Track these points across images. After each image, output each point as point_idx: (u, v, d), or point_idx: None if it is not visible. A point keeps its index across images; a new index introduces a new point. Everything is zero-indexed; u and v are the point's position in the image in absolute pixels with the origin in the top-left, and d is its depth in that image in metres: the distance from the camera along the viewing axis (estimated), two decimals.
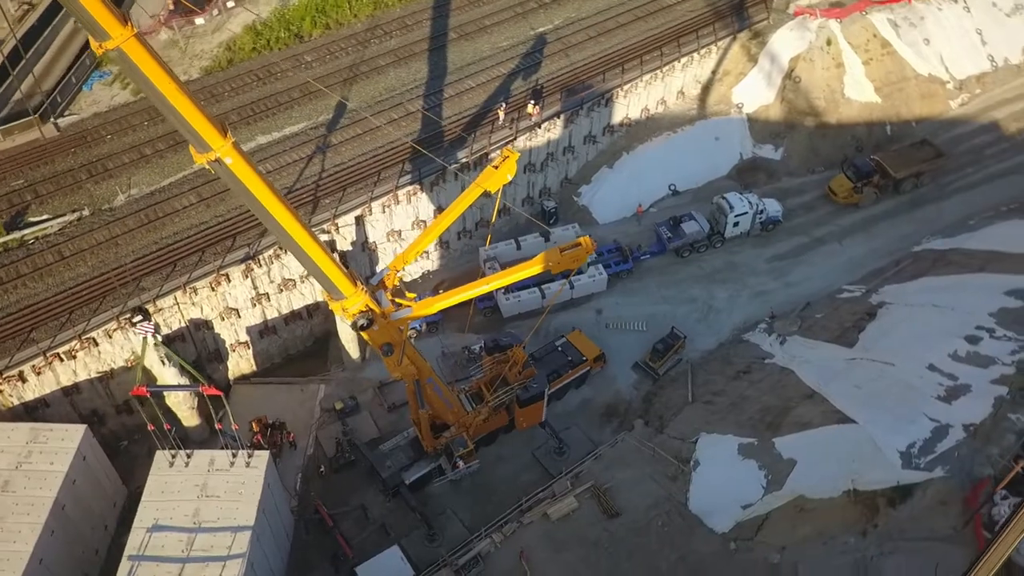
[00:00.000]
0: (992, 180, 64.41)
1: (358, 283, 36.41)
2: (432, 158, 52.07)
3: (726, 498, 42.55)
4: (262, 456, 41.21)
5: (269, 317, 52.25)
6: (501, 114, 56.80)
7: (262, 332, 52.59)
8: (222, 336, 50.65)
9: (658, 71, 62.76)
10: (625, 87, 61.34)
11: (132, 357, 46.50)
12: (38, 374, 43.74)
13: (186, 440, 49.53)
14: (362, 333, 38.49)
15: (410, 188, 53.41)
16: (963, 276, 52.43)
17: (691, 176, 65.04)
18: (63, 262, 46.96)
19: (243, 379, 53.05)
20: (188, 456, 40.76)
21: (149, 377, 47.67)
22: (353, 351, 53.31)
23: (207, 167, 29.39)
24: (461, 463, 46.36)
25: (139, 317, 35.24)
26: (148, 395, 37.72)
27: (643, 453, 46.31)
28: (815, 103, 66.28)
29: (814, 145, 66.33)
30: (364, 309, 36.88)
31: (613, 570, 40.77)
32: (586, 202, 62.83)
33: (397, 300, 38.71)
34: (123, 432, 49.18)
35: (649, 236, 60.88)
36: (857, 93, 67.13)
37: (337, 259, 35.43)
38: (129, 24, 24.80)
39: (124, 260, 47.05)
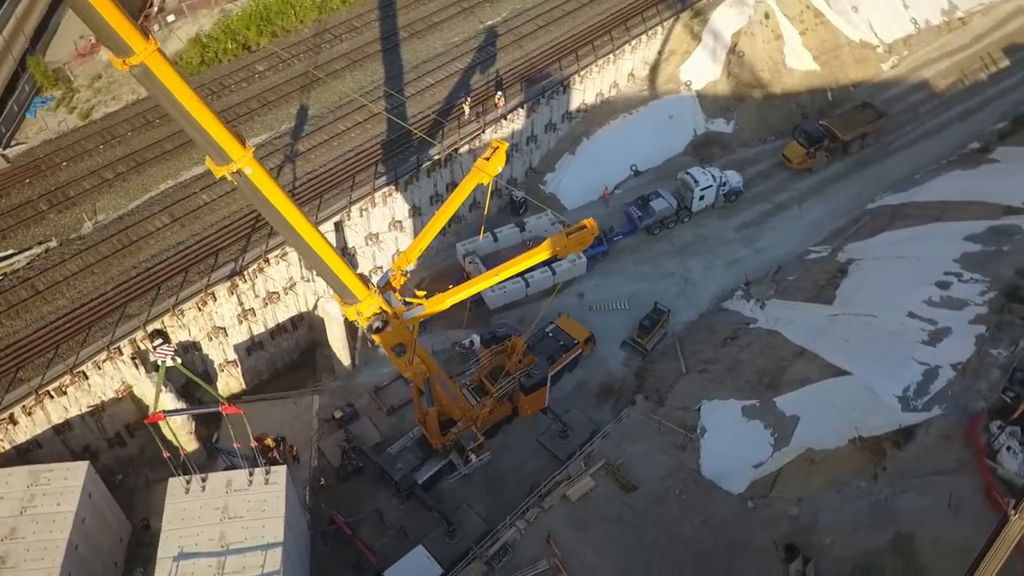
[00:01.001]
0: (930, 136, 68.07)
1: (370, 285, 36.31)
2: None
3: (737, 460, 44.04)
4: (280, 471, 40.58)
5: (255, 333, 51.26)
6: (466, 108, 56.97)
7: (249, 349, 51.59)
8: (210, 356, 49.48)
9: (610, 55, 63.89)
10: (581, 73, 62.28)
11: (122, 387, 45.18)
12: (29, 414, 41.94)
13: (185, 465, 48.43)
14: (374, 336, 38.32)
15: (385, 189, 53.14)
16: (921, 227, 55.31)
17: (650, 155, 66.56)
18: (39, 296, 45.08)
19: (234, 398, 51.72)
20: (203, 480, 39.83)
21: (142, 404, 46.54)
22: (344, 359, 52.82)
23: (229, 178, 28.76)
24: (473, 456, 46.60)
25: (159, 341, 34.31)
26: (165, 421, 36.63)
27: (649, 426, 47.46)
28: (760, 75, 68.66)
29: (763, 116, 68.74)
30: (378, 311, 36.79)
31: (640, 541, 41.72)
32: (552, 189, 63.57)
33: (407, 299, 38.69)
34: (117, 466, 47.62)
35: (619, 217, 62.06)
36: (797, 63, 69.85)
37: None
38: (151, 38, 24.20)
39: (104, 289, 45.50)
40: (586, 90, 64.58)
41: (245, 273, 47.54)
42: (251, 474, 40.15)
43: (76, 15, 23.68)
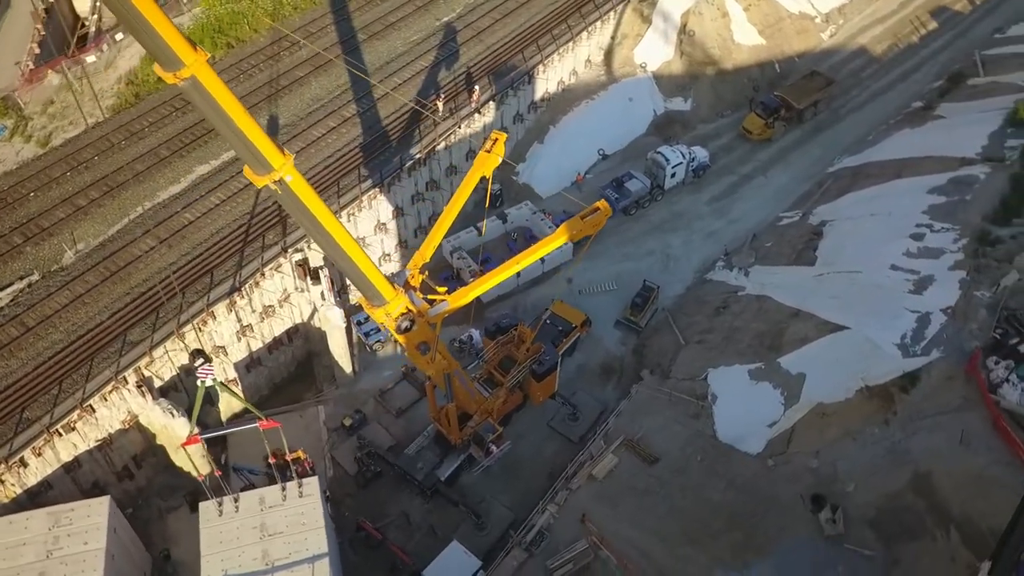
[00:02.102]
0: (875, 98, 71.40)
1: (396, 286, 36.31)
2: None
3: (750, 422, 45.63)
4: (312, 483, 40.30)
5: (254, 349, 50.35)
6: (440, 105, 57.02)
7: (248, 365, 50.67)
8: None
9: (570, 43, 64.81)
10: (545, 62, 63.01)
11: (128, 417, 43.91)
12: (38, 455, 40.35)
13: (197, 491, 47.38)
14: (399, 337, 38.28)
15: (371, 192, 52.84)
16: (884, 185, 58.09)
17: (615, 138, 67.83)
18: (31, 333, 43.33)
19: (236, 417, 50.87)
20: (236, 500, 39.18)
21: (148, 433, 45.40)
22: (346, 366, 52.41)
23: (272, 187, 28.37)
24: (494, 447, 46.96)
25: (200, 360, 33.41)
26: (201, 443, 35.86)
27: (659, 400, 48.68)
28: (711, 52, 70.69)
29: (717, 91, 70.81)
30: (405, 311, 36.81)
31: (671, 510, 42.88)
32: (526, 179, 64.23)
33: (429, 297, 38.78)
34: (126, 499, 46.18)
35: (594, 201, 62.91)
36: (744, 38, 72.18)
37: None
38: (199, 49, 23.77)
39: (100, 318, 44.04)
40: (548, 79, 65.38)
41: (243, 288, 46.63)
42: (284, 489, 39.75)
43: (126, 28, 23.01)
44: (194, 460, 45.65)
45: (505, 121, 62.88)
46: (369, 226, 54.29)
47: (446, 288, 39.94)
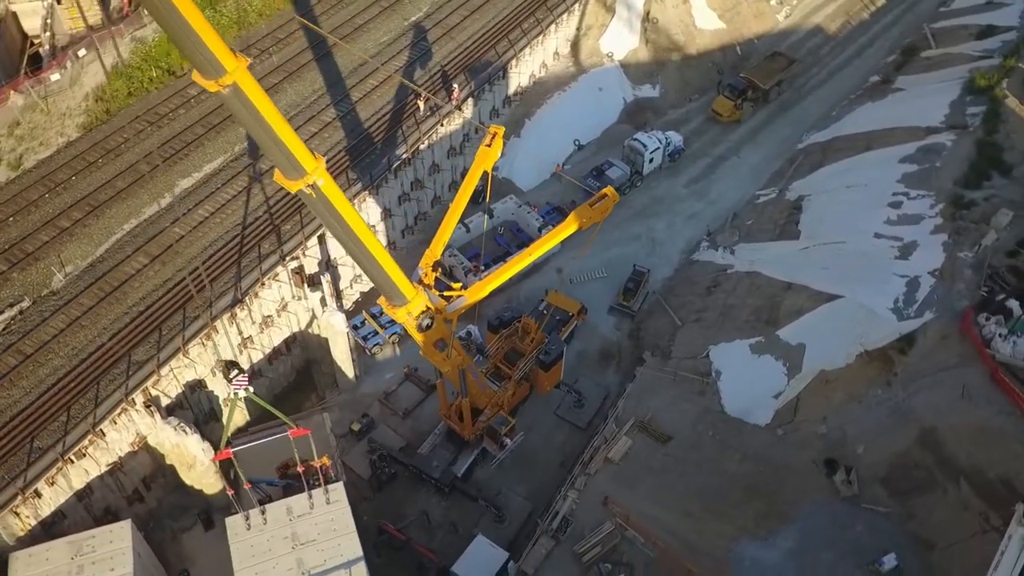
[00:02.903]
0: (834, 75, 73.71)
1: (415, 285, 36.41)
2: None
3: (756, 394, 46.90)
4: (338, 488, 40.19)
5: (255, 360, 49.80)
6: (421, 104, 57.02)
7: (250, 378, 49.63)
8: (215, 392, 47.69)
9: (540, 36, 65.34)
10: (517, 57, 63.43)
11: (137, 439, 43.05)
12: (51, 484, 39.31)
13: (210, 510, 46.75)
14: (418, 336, 38.34)
15: (360, 195, 52.59)
16: (856, 158, 60.06)
17: (589, 128, 68.68)
18: (30, 360, 42.08)
19: (241, 432, 50.11)
20: (263, 513, 38.80)
21: (157, 454, 44.56)
22: (348, 371, 52.15)
23: (306, 191, 28.21)
24: (508, 440, 47.33)
25: (235, 372, 32.93)
26: (233, 457, 35.43)
27: (664, 380, 49.63)
28: (674, 39, 72.01)
29: (684, 77, 72.20)
30: (425, 309, 36.92)
31: (689, 486, 43.87)
32: (506, 174, 64.57)
33: (446, 294, 38.93)
34: (138, 522, 44.83)
35: (574, 191, 63.84)
36: (705, 23, 73.72)
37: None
38: (240, 55, 23.57)
39: (101, 340, 43.01)
40: (520, 73, 65.84)
41: (244, 300, 46.06)
42: (310, 497, 39.51)
43: (169, 35, 22.66)
44: (204, 480, 45.52)
45: (483, 116, 63.16)
46: None
47: (461, 284, 40.07)
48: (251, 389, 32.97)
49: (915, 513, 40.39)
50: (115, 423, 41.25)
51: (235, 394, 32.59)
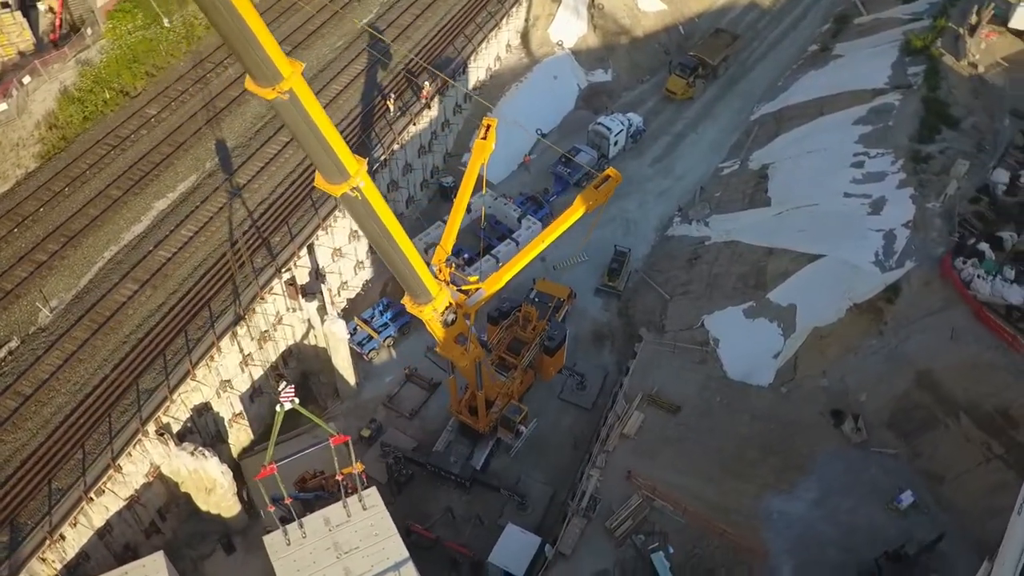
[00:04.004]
0: (774, 47, 76.57)
1: (439, 281, 36.61)
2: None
3: (755, 357, 48.67)
4: (372, 494, 40.09)
5: (255, 377, 48.93)
6: (390, 105, 56.84)
7: (252, 396, 49.18)
8: (221, 414, 46.72)
9: (495, 29, 65.83)
10: (476, 51, 63.77)
11: (151, 469, 41.91)
12: (74, 525, 38.00)
13: (229, 533, 45.88)
14: (439, 332, 38.50)
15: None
16: (811, 124, 62.67)
17: (549, 117, 69.56)
18: (31, 401, 40.49)
19: (247, 452, 49.36)
20: (301, 527, 38.38)
21: (171, 483, 43.45)
22: (350, 378, 51.78)
23: (351, 194, 28.09)
24: (523, 428, 47.91)
25: (283, 384, 32.31)
26: (276, 473, 34.90)
27: (664, 353, 50.94)
28: (621, 22, 73.54)
29: (633, 59, 73.81)
30: (448, 304, 37.15)
31: (706, 451, 45.25)
32: None
33: (463, 288, 39.21)
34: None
35: (545, 180, 64.73)
36: (649, 5, 75.54)
37: None
38: (294, 60, 23.38)
39: (104, 372, 41.67)
40: (478, 67, 66.21)
41: (245, 316, 45.27)
42: (346, 505, 39.28)
43: (226, 42, 22.26)
44: (223, 503, 44.65)
45: (447, 113, 63.31)
46: (344, 236, 53.57)
47: (477, 277, 40.40)
48: (296, 400, 32.59)
49: (922, 451, 42.76)
50: (130, 455, 40.10)
51: (280, 407, 32.10)
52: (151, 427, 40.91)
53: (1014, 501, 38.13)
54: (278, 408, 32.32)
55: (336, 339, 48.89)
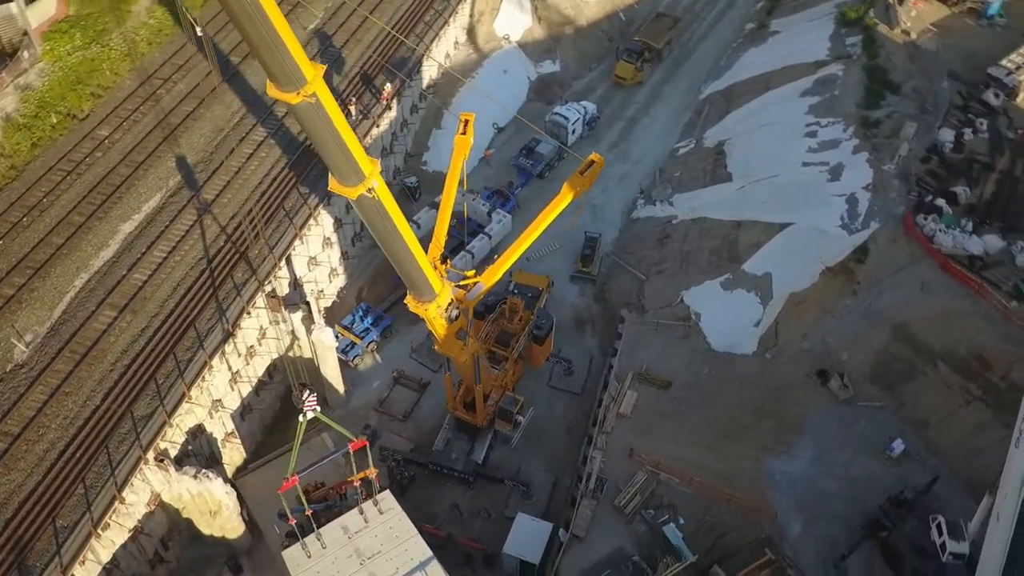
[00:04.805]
0: (713, 27, 78.68)
1: (441, 278, 36.75)
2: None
3: (737, 327, 50.15)
4: (387, 497, 39.88)
5: (244, 395, 48.13)
6: (352, 110, 56.41)
7: (243, 414, 48.40)
8: (214, 435, 45.73)
9: (444, 27, 65.87)
10: (429, 49, 63.74)
11: (152, 497, 40.86)
12: (83, 563, 36.79)
13: (235, 555, 45.10)
14: (441, 329, 38.63)
15: (316, 208, 51.65)
16: (760, 99, 64.66)
17: (503, 110, 69.81)
18: (21, 440, 38.98)
19: (241, 471, 48.43)
20: (319, 538, 38.01)
21: (171, 510, 42.44)
22: (339, 387, 51.33)
23: (367, 195, 27.98)
24: (520, 418, 48.35)
25: (307, 393, 31.81)
26: (298, 484, 34.49)
27: (647, 331, 52.02)
28: (565, 13, 74.44)
29: (580, 48, 74.82)
30: (452, 300, 37.33)
31: (703, 420, 46.47)
32: (435, 167, 64.82)
33: (462, 283, 39.40)
34: None
35: (508, 173, 65.16)
36: None
37: None
38: (316, 63, 23.23)
39: (94, 403, 40.40)
40: (431, 66, 66.16)
41: (234, 332, 44.48)
42: (361, 511, 39.07)
43: (250, 48, 21.96)
44: (228, 526, 43.86)
45: (405, 113, 63.14)
46: (318, 244, 53.02)
47: (474, 271, 40.62)
48: (319, 409, 32.32)
49: (905, 400, 44.87)
50: (131, 485, 39.03)
51: (304, 415, 31.79)
52: (151, 454, 39.90)
53: (996, 439, 40.60)
54: (301, 418, 32.00)
55: (324, 348, 48.38)
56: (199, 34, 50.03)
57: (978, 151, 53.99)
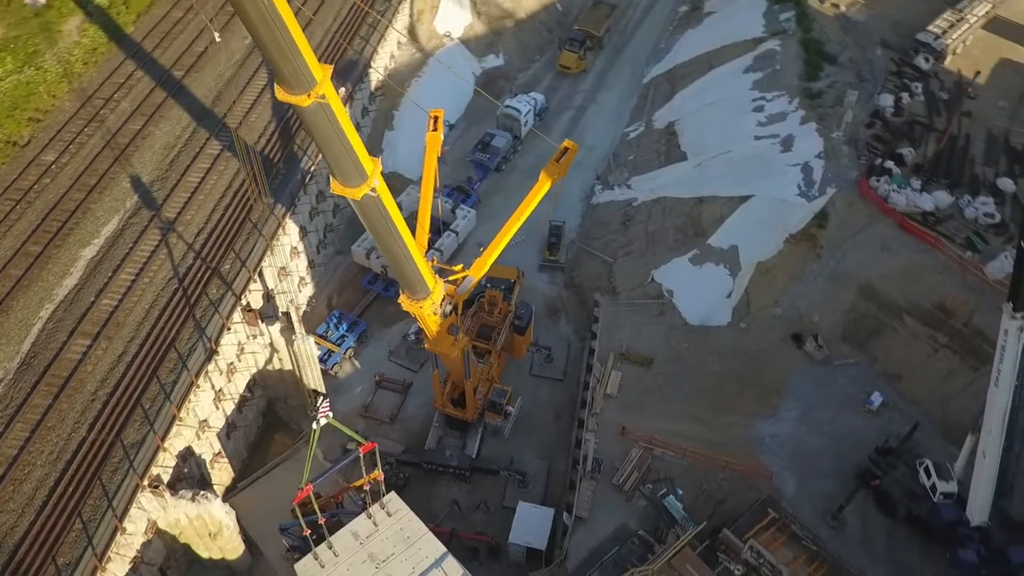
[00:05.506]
0: (648, 13, 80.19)
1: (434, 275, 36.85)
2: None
3: (710, 300, 51.56)
4: (394, 499, 39.76)
5: (228, 413, 47.16)
6: None
7: (228, 433, 47.41)
8: (203, 456, 44.81)
9: (388, 28, 65.57)
10: (375, 51, 63.36)
11: (149, 525, 39.79)
12: None
13: (235, 574, 44.28)
14: (433, 326, 38.72)
15: (284, 217, 50.92)
16: (704, 79, 66.36)
17: (452, 107, 69.89)
18: (8, 480, 37.42)
19: (231, 490, 47.50)
20: (331, 547, 37.67)
21: (167, 536, 41.42)
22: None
23: (371, 194, 27.87)
24: (510, 408, 48.71)
25: (321, 399, 31.31)
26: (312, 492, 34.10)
27: (623, 312, 53.01)
28: (504, 6, 74.87)
29: (521, 40, 75.38)
30: (445, 296, 37.45)
31: (688, 393, 47.74)
32: (391, 167, 64.41)
33: (451, 278, 39.54)
34: None
35: (465, 169, 65.30)
36: None
37: None
38: (322, 63, 23.08)
39: (80, 434, 39.08)
40: (377, 67, 65.78)
41: (217, 349, 43.60)
42: (370, 515, 38.88)
43: (262, 50, 21.66)
44: (228, 546, 43.01)
45: (356, 116, 62.62)
46: (286, 253, 52.26)
47: (461, 266, 40.79)
48: (331, 415, 32.06)
49: (878, 355, 46.95)
50: (129, 515, 37.95)
51: (317, 423, 31.50)
52: (146, 480, 38.88)
53: (965, 383, 42.86)
54: (314, 425, 31.70)
55: (306, 357, 47.76)
56: (217, 39, 48.93)
57: (917, 113, 56.68)
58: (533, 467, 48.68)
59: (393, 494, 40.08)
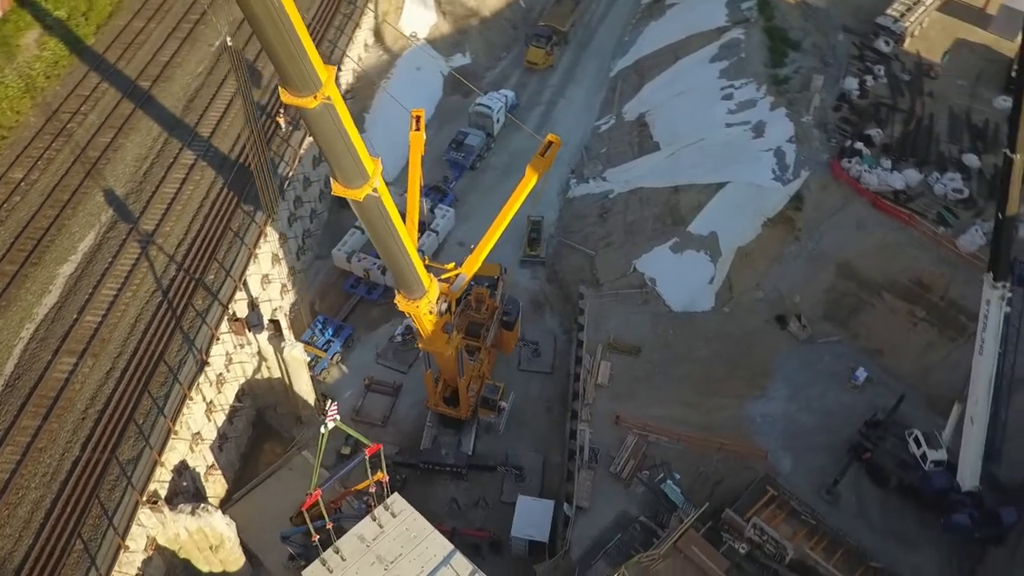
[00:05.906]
0: (611, 6, 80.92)
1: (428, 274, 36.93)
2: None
3: (692, 286, 52.37)
4: (398, 500, 39.80)
5: (219, 424, 46.67)
6: (281, 121, 55.27)
7: (221, 445, 46.93)
8: (197, 470, 44.32)
9: (355, 30, 65.26)
10: (344, 53, 63.02)
11: (149, 542, 39.25)
12: None
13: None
14: (429, 325, 38.78)
15: (263, 227, 50.45)
16: (671, 70, 67.21)
17: (421, 107, 69.34)
18: (1, 504, 36.60)
19: (226, 502, 47.05)
20: (337, 551, 37.58)
21: (167, 553, 40.90)
22: (312, 401, 50.41)
23: (372, 195, 27.85)
24: (503, 404, 48.94)
25: (329, 402, 31.08)
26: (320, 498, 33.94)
27: (607, 303, 53.54)
28: (468, 5, 74.96)
29: (487, 38, 75.54)
30: (441, 294, 37.56)
31: (678, 379, 48.48)
32: None
33: (443, 277, 39.63)
34: None
35: (440, 169, 65.29)
36: None
37: None
38: (326, 64, 23.03)
39: (74, 455, 38.35)
40: (345, 70, 65.44)
41: (198, 361, 43.11)
42: (375, 518, 38.86)
43: (268, 52, 21.52)
44: (229, 559, 42.60)
45: None
46: (268, 260, 51.84)
47: (453, 264, 40.89)
48: (338, 418, 31.98)
49: (859, 332, 48.18)
50: (130, 532, 37.40)
51: (325, 427, 31.41)
52: (145, 496, 38.33)
53: (944, 354, 44.16)
54: (323, 429, 31.60)
55: (297, 364, 47.49)
56: (229, 44, 47.99)
57: (881, 95, 58.15)
58: (529, 461, 48.99)
59: (397, 495, 40.11)
